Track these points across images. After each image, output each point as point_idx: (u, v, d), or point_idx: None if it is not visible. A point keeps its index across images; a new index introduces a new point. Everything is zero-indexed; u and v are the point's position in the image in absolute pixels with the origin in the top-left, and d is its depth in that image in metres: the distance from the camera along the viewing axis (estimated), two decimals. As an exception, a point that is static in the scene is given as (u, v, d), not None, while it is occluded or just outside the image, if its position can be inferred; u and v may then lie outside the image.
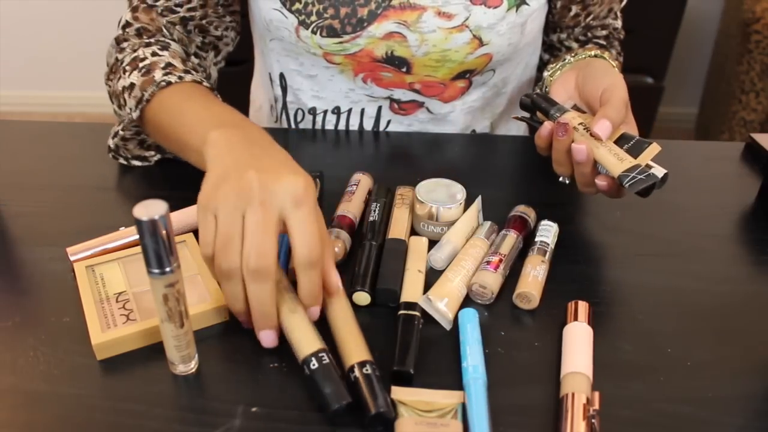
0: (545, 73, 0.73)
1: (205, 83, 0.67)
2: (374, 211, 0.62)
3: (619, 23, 0.84)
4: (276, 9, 0.72)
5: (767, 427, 0.46)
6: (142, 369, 0.49)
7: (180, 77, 0.65)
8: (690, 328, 0.54)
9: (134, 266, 0.56)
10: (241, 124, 0.57)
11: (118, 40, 0.72)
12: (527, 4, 0.72)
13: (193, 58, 0.75)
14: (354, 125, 0.82)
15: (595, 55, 0.70)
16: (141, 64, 0.67)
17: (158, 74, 0.65)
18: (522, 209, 0.63)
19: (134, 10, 0.72)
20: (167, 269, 0.42)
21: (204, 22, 0.74)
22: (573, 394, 0.45)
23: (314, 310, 0.49)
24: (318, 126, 0.83)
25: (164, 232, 0.40)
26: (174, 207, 0.61)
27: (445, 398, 0.46)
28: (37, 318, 0.53)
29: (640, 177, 0.54)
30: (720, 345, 0.52)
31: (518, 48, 0.75)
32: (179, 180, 0.72)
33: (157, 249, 0.41)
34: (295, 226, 0.46)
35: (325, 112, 0.82)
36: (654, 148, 0.56)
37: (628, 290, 0.57)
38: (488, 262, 0.56)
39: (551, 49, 0.86)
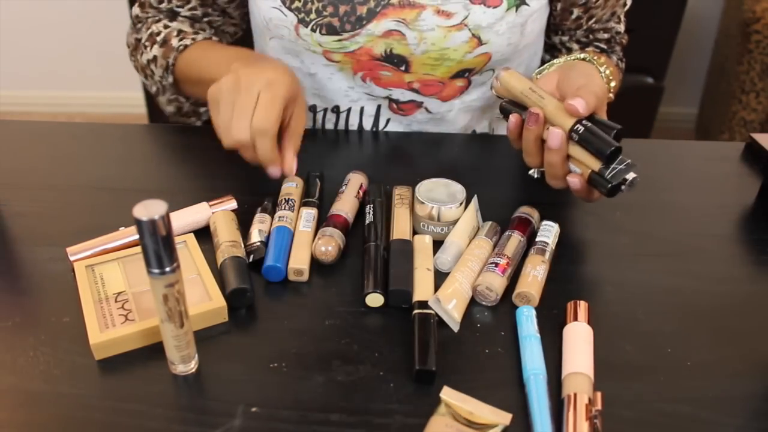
0: (534, 73, 0.73)
1: (214, 38, 0.81)
2: (372, 212, 0.62)
3: (621, 27, 0.84)
4: (275, 7, 0.73)
5: (767, 428, 0.46)
6: (141, 369, 0.49)
7: (193, 38, 0.77)
8: (690, 328, 0.54)
9: (134, 266, 0.56)
10: (255, 54, 0.71)
11: (134, 23, 0.83)
12: (527, 5, 0.71)
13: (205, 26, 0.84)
14: (353, 124, 0.82)
15: (584, 58, 0.70)
16: (158, 38, 0.78)
17: (174, 42, 0.77)
18: (526, 210, 0.63)
19: (141, 5, 0.81)
20: (167, 269, 0.42)
21: (206, 20, 0.81)
22: (575, 395, 0.45)
23: (271, 169, 0.61)
24: (318, 125, 0.84)
25: (164, 232, 0.40)
26: (174, 207, 0.61)
27: (492, 414, 0.45)
28: (37, 318, 0.53)
29: (620, 167, 0.55)
30: (720, 345, 0.52)
31: (518, 48, 0.75)
32: (180, 180, 0.72)
33: (157, 249, 0.41)
34: (259, 103, 0.58)
35: (325, 110, 0.82)
36: None
37: (628, 290, 0.57)
38: (496, 264, 0.56)
39: (552, 50, 0.86)
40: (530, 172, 0.63)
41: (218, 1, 0.80)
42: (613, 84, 0.71)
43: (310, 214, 0.62)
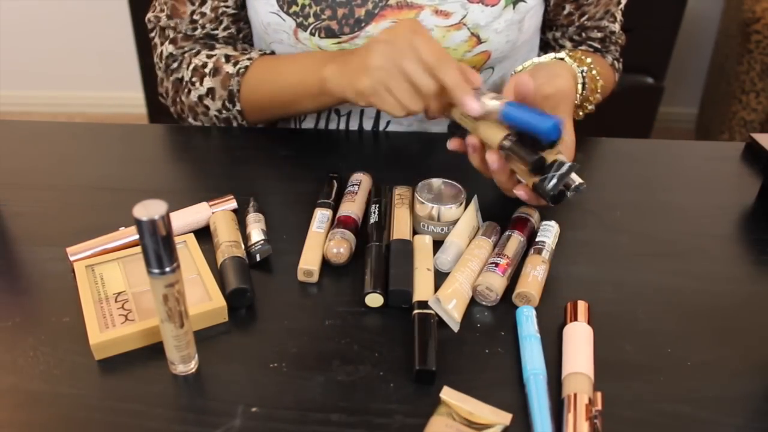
0: (514, 70, 0.73)
1: (267, 52, 0.77)
2: (376, 212, 0.62)
3: (616, 27, 0.83)
4: (273, 12, 0.73)
5: (767, 428, 0.46)
6: (141, 369, 0.49)
7: (249, 58, 0.75)
8: (690, 328, 0.54)
9: (134, 266, 0.56)
10: (331, 52, 0.69)
11: (168, 65, 0.79)
12: (524, 1, 0.72)
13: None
14: (354, 126, 0.82)
15: (561, 59, 0.71)
16: (206, 70, 0.75)
17: (229, 68, 0.74)
18: (526, 210, 0.63)
19: (173, 42, 0.77)
20: (167, 269, 0.42)
21: (241, 36, 0.81)
22: (575, 395, 0.45)
23: (469, 102, 0.57)
24: (320, 126, 0.83)
25: (164, 232, 0.40)
26: (174, 207, 0.61)
27: (492, 414, 0.45)
28: (37, 318, 0.53)
29: (558, 173, 0.55)
30: (720, 345, 0.52)
31: (516, 45, 0.75)
32: (180, 180, 0.72)
33: (157, 249, 0.41)
34: (419, 48, 0.58)
35: (329, 111, 0.82)
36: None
37: (628, 290, 0.57)
38: (496, 264, 0.56)
39: (546, 47, 0.86)
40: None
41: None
42: (600, 83, 0.72)
43: (324, 215, 0.61)
